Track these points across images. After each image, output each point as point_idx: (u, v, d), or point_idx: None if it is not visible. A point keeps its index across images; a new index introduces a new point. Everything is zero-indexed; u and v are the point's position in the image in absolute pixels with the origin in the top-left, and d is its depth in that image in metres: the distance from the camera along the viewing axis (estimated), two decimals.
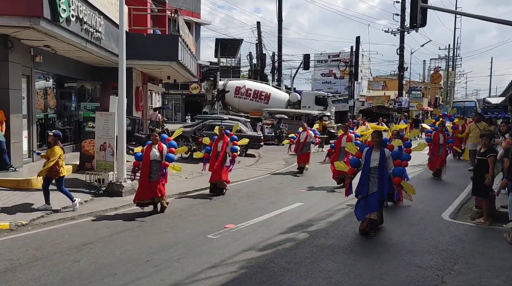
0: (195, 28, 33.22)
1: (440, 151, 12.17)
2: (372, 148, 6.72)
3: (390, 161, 6.68)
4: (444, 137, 12.29)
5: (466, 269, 5.37)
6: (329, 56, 52.97)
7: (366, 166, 6.67)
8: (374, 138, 6.70)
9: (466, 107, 34.66)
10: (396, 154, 6.85)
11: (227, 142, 9.83)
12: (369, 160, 6.64)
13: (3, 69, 9.58)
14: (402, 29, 37.71)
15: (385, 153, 6.63)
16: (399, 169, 6.77)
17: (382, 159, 6.57)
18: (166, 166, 7.95)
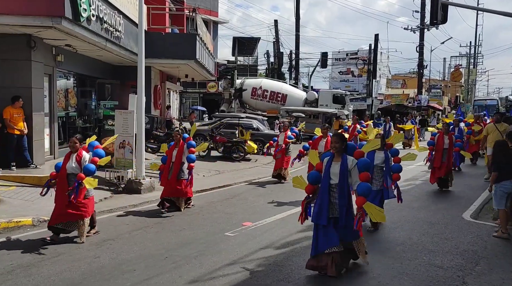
0: (212, 27, 33.39)
1: (444, 157, 10.03)
2: (332, 158, 5.04)
3: (355, 174, 4.92)
4: (451, 140, 10.16)
5: (488, 270, 5.27)
6: (347, 54, 52.55)
7: (324, 182, 5.00)
8: (333, 143, 4.99)
9: (488, 106, 33.95)
10: (363, 164, 4.99)
11: (182, 150, 8.04)
12: (328, 173, 4.96)
13: (26, 68, 9.79)
14: (422, 26, 37.08)
15: (347, 163, 4.91)
16: (364, 185, 4.81)
17: (343, 172, 4.89)
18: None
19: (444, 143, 10.13)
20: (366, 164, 5.01)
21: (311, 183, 5.16)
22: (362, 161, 4.99)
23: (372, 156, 6.53)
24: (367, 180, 4.86)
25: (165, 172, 8.04)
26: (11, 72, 9.75)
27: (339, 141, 4.99)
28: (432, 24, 14.89)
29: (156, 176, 10.80)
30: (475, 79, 60.51)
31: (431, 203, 8.87)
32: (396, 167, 6.88)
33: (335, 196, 4.91)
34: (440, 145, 10.13)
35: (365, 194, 4.77)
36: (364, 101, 40.37)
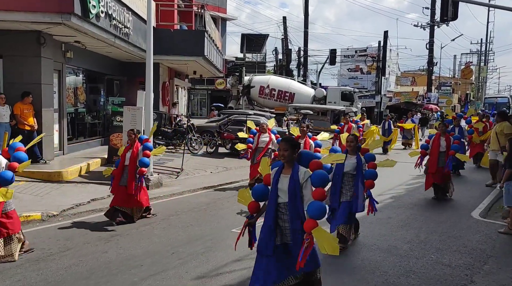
0: (221, 24, 33.36)
1: (441, 162, 8.75)
2: (281, 169, 3.98)
3: (307, 190, 3.81)
4: (448, 142, 8.82)
5: (496, 268, 5.22)
6: (356, 51, 52.22)
7: (270, 200, 3.95)
8: (281, 151, 3.89)
9: (499, 104, 33.59)
10: (319, 178, 3.78)
11: (136, 152, 7.01)
12: (275, 189, 3.92)
13: (36, 65, 9.87)
14: (432, 23, 36.78)
15: (299, 176, 3.82)
16: (317, 205, 3.65)
17: (293, 187, 3.80)
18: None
19: (441, 145, 8.80)
20: (322, 177, 3.78)
21: (255, 199, 4.12)
22: (318, 174, 3.79)
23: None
24: (321, 197, 3.72)
25: (116, 177, 6.97)
26: (21, 69, 9.84)
27: (288, 148, 3.85)
28: (442, 20, 14.76)
29: (164, 172, 10.89)
30: (485, 77, 59.95)
31: (439, 201, 8.81)
32: (370, 172, 5.86)
33: (284, 218, 3.88)
34: (436, 147, 8.82)
35: (316, 216, 3.62)
36: (373, 98, 40.14)
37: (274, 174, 3.99)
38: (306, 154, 4.11)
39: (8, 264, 5.06)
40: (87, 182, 9.48)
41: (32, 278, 4.68)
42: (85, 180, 9.64)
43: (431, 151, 8.89)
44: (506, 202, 6.75)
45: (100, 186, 9.19)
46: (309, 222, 3.65)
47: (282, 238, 3.90)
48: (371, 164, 5.98)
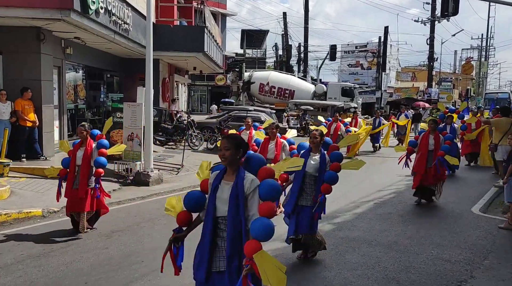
0: (221, 19, 33.27)
1: (430, 162, 7.97)
2: (222, 175, 3.17)
3: (253, 203, 3.02)
4: (437, 141, 8.02)
5: (496, 264, 5.23)
6: (357, 47, 52.15)
7: (207, 213, 3.16)
8: (222, 150, 3.08)
9: (499, 99, 33.53)
10: (269, 188, 2.97)
11: (90, 150, 6.14)
12: (213, 199, 3.12)
13: (36, 61, 9.85)
14: (433, 18, 36.66)
15: (244, 185, 3.02)
16: (263, 224, 2.87)
17: (235, 198, 3.02)
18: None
19: (429, 143, 8.01)
20: (273, 188, 2.97)
21: (187, 209, 3.29)
22: (268, 184, 2.98)
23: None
24: (269, 213, 2.91)
25: (69, 179, 6.11)
26: (21, 65, 9.83)
27: (230, 148, 3.05)
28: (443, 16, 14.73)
29: (164, 168, 10.89)
30: (486, 72, 59.84)
31: (440, 196, 8.81)
32: (329, 175, 4.99)
33: (223, 236, 3.08)
34: (424, 146, 8.02)
35: (261, 237, 2.85)
36: (373, 94, 40.10)
37: (213, 179, 3.17)
38: (255, 158, 3.24)
39: (10, 260, 5.08)
40: None
41: (33, 274, 4.69)
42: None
43: (419, 149, 8.10)
44: (507, 197, 6.75)
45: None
46: (251, 243, 2.85)
47: (219, 264, 3.11)
48: (334, 164, 5.07)
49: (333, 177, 4.99)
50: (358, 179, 10.67)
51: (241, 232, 3.01)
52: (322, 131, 5.23)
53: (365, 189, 9.50)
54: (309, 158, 5.07)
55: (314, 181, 5.07)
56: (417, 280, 4.69)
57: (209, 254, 3.12)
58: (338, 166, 5.06)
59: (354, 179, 10.75)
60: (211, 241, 3.10)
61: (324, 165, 5.01)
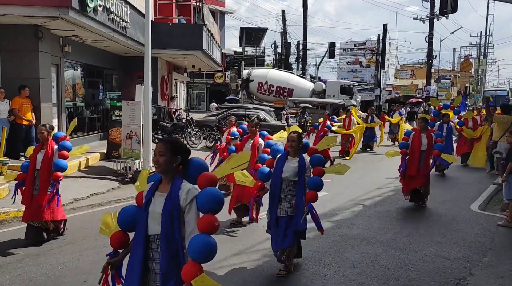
0: (219, 17, 33.24)
1: (422, 163, 7.48)
2: (156, 185, 2.76)
3: (191, 218, 2.60)
4: (429, 140, 7.54)
5: (495, 261, 5.24)
6: (355, 45, 52.09)
7: (138, 231, 2.74)
8: (156, 156, 2.68)
9: (498, 97, 33.54)
10: (208, 199, 2.56)
11: (51, 153, 5.53)
12: (145, 214, 2.70)
13: (34, 59, 9.82)
14: (432, 16, 36.62)
15: (178, 196, 2.61)
16: (202, 241, 2.47)
17: (169, 212, 2.60)
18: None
19: (422, 143, 7.51)
20: (214, 199, 2.52)
21: (122, 227, 2.88)
22: (207, 193, 2.54)
23: (280, 165, 4.62)
24: (210, 229, 2.47)
25: (27, 185, 5.56)
26: (19, 63, 9.80)
27: (165, 153, 2.62)
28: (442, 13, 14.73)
29: None
30: (485, 70, 59.79)
31: (439, 194, 8.82)
32: (313, 181, 4.55)
33: (156, 258, 2.65)
34: (417, 146, 7.50)
35: (201, 257, 2.46)
36: (372, 92, 40.05)
37: (147, 192, 2.75)
38: (195, 162, 2.73)
39: (8, 258, 5.07)
40: (86, 176, 9.48)
41: (32, 273, 4.69)
42: (84, 174, 9.64)
43: (411, 150, 7.59)
44: (506, 195, 6.75)
45: (99, 180, 9.20)
46: (189, 267, 2.45)
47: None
48: (316, 169, 4.63)
49: (318, 183, 4.55)
50: (357, 176, 10.68)
51: (178, 253, 2.57)
52: (300, 134, 4.77)
53: (364, 186, 9.51)
54: (286, 163, 4.61)
55: (293, 186, 4.60)
56: (416, 278, 4.70)
57: (139, 279, 2.63)
58: (321, 171, 4.62)
59: (353, 176, 10.75)
60: (142, 264, 2.63)
61: (304, 169, 4.55)
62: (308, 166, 4.63)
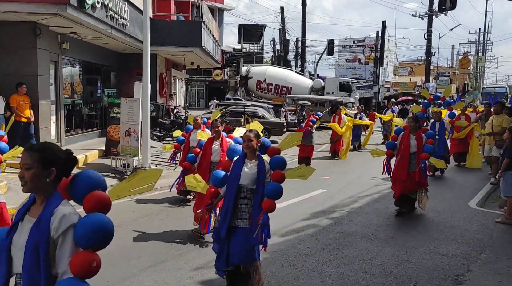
0: (218, 14, 33.12)
1: (412, 166, 6.79)
2: (28, 206, 2.16)
3: (63, 254, 1.97)
4: (419, 141, 6.79)
5: (493, 258, 5.26)
6: (354, 42, 52.03)
7: None
8: (19, 178, 2.10)
9: (497, 94, 33.56)
10: (88, 229, 1.93)
11: None
12: (7, 245, 2.07)
13: (32, 56, 9.79)
14: (430, 13, 36.59)
15: (49, 226, 1.96)
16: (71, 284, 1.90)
17: (33, 247, 1.96)
18: None
19: (411, 144, 6.79)
20: (96, 228, 1.96)
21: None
22: (89, 222, 1.97)
23: (236, 169, 3.93)
24: (85, 272, 1.93)
25: None
26: (17, 60, 9.77)
27: (33, 165, 2.04)
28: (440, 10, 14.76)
29: (162, 163, 10.88)
30: (483, 67, 59.92)
31: (437, 191, 8.84)
32: (271, 187, 3.82)
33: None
34: (405, 148, 6.81)
35: None
36: (370, 89, 40.05)
37: (16, 213, 2.16)
38: (83, 177, 2.06)
39: None
40: None
41: None
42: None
43: (399, 152, 6.92)
44: (503, 192, 6.77)
45: None
46: None
47: None
48: (275, 173, 3.87)
49: (276, 190, 3.78)
50: (355, 173, 10.71)
51: None
52: (258, 132, 4.08)
53: (362, 183, 9.52)
54: (244, 166, 3.91)
55: (251, 196, 3.89)
56: (414, 274, 4.71)
57: None
58: (281, 175, 3.83)
59: (351, 174, 10.78)
60: None
61: (263, 174, 3.85)
62: (269, 169, 3.89)
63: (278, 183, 3.83)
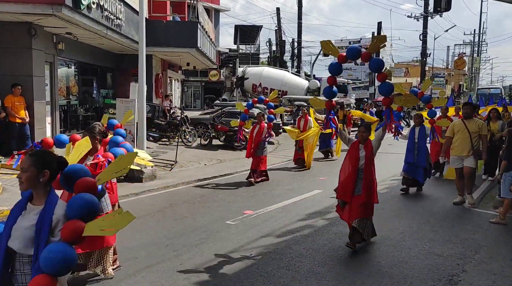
0: (214, 15, 33.10)
1: (359, 185, 5.38)
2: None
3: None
4: (369, 153, 5.42)
5: (488, 258, 5.29)
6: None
7: None
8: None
9: (491, 94, 33.74)
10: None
11: None
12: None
13: (27, 57, 9.76)
14: (426, 14, 36.77)
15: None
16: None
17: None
18: None
19: (359, 157, 5.40)
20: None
21: None
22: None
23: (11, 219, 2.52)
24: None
25: None
26: (12, 61, 9.74)
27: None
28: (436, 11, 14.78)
29: (158, 164, 10.87)
30: (478, 68, 60.16)
31: (432, 191, 8.88)
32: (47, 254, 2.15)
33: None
34: (352, 161, 5.43)
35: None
36: (366, 89, 40.20)
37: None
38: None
39: None
40: None
41: None
42: None
43: (344, 166, 5.59)
44: (502, 193, 6.78)
45: None
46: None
47: None
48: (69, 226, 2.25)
49: (55, 257, 2.13)
50: None
51: None
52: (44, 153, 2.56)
53: None
54: (22, 215, 2.43)
55: (30, 264, 2.36)
56: (409, 275, 4.73)
57: None
58: (76, 230, 2.21)
59: None
60: None
61: (46, 228, 2.32)
62: (59, 219, 2.33)
63: (67, 246, 2.19)
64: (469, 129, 7.49)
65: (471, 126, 7.51)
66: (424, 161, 8.55)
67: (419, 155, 8.55)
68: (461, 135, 7.55)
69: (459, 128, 7.62)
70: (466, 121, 7.61)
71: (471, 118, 7.64)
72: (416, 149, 8.59)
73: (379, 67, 5.42)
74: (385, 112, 5.64)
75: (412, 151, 8.62)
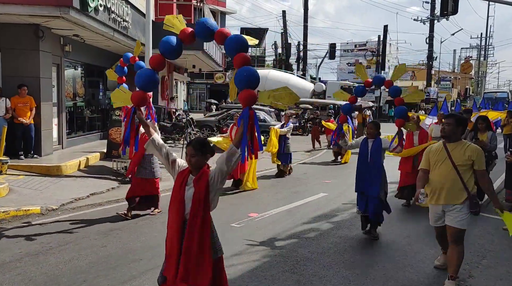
0: (220, 17, 33.22)
1: None
2: None
3: None
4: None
5: (494, 263, 5.25)
6: (356, 46, 52.17)
7: None
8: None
9: (498, 98, 33.54)
10: None
11: None
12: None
13: (35, 58, 9.83)
14: (432, 17, 36.70)
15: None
16: None
17: None
18: None
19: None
20: None
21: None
22: None
23: None
24: None
25: None
26: (19, 62, 9.80)
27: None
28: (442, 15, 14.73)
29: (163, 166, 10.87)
30: (485, 71, 59.84)
31: None
32: None
33: None
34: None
35: None
36: (372, 93, 40.11)
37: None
38: None
39: (8, 258, 5.07)
40: (86, 176, 9.48)
41: (31, 272, 4.69)
42: (84, 174, 9.63)
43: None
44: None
45: (99, 180, 9.20)
46: None
47: None
48: None
49: None
50: None
51: None
52: None
53: None
54: None
55: None
56: (415, 279, 4.70)
57: None
58: None
59: (352, 177, 10.73)
60: None
61: None
62: None
63: None
64: (453, 160, 4.30)
65: (457, 154, 4.30)
66: (378, 186, 6.01)
67: (371, 175, 6.11)
68: (441, 170, 4.37)
69: (437, 157, 4.41)
70: (449, 145, 4.37)
71: (458, 141, 4.34)
72: (368, 171, 6.14)
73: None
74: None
75: (363, 173, 6.26)
